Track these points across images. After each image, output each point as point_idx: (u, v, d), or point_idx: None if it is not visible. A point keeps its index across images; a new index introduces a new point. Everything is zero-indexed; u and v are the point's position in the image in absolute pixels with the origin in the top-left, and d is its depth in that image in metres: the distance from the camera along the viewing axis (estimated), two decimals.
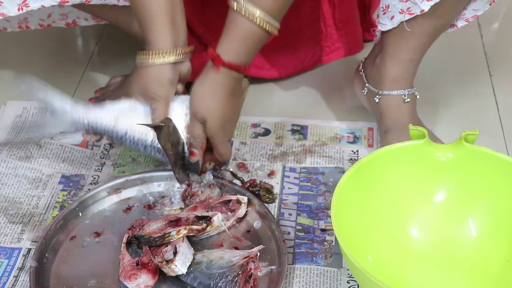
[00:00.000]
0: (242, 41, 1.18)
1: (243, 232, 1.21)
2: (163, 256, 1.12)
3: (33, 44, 1.75)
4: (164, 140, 1.20)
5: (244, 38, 1.17)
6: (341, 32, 1.49)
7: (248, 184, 1.30)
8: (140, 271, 1.12)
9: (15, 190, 1.33)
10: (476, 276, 1.13)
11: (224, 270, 1.10)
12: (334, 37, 1.49)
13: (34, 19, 1.42)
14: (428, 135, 1.15)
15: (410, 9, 1.25)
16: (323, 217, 1.27)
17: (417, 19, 1.26)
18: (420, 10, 1.24)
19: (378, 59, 1.37)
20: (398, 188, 1.17)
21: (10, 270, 1.18)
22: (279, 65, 1.57)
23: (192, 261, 1.12)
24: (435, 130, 1.42)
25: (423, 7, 1.23)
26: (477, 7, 1.30)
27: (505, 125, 1.49)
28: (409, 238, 1.17)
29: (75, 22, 1.46)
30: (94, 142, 1.43)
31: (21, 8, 1.25)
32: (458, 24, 1.34)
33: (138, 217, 1.23)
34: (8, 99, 1.54)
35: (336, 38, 1.50)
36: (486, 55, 1.71)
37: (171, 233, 1.13)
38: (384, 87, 1.36)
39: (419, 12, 1.24)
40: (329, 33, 1.49)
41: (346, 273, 1.17)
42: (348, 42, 1.51)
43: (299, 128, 1.47)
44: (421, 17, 1.25)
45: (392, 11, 1.27)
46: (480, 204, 1.16)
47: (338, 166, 1.38)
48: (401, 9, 1.25)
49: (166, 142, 1.20)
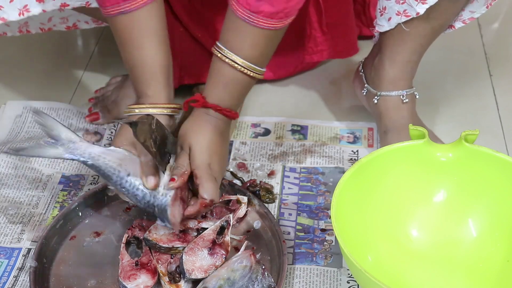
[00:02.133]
0: (224, 86, 1.19)
1: (243, 232, 1.21)
2: (166, 267, 1.13)
3: (33, 45, 1.75)
4: (142, 137, 1.11)
5: (226, 83, 1.19)
6: (327, 36, 1.50)
7: (248, 184, 1.30)
8: (139, 272, 1.12)
9: (15, 190, 1.33)
10: (476, 276, 1.13)
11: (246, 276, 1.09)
12: (318, 40, 1.51)
13: (35, 23, 1.42)
14: (428, 135, 1.15)
15: (406, 11, 1.25)
16: (323, 217, 1.27)
17: (414, 21, 1.26)
18: (416, 13, 1.24)
19: (377, 60, 1.37)
20: (398, 188, 1.17)
21: (10, 270, 1.18)
22: (278, 66, 1.57)
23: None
24: (435, 130, 1.42)
25: (419, 10, 1.23)
26: (473, 9, 1.30)
27: (505, 125, 1.49)
28: (409, 238, 1.17)
29: (75, 26, 1.46)
30: (94, 142, 1.43)
31: (22, 13, 1.24)
32: (455, 25, 1.34)
33: (138, 217, 1.23)
34: (8, 99, 1.55)
35: (320, 41, 1.51)
36: (486, 55, 1.71)
37: (178, 248, 1.14)
38: (383, 88, 1.36)
39: (414, 15, 1.24)
40: (313, 35, 1.50)
41: (346, 273, 1.17)
42: (335, 46, 1.52)
43: (299, 128, 1.47)
44: (418, 19, 1.26)
45: (389, 13, 1.27)
46: (480, 204, 1.16)
47: (338, 166, 1.38)
48: (398, 11, 1.26)
49: (145, 138, 1.12)
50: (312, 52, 1.53)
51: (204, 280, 1.09)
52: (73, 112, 1.51)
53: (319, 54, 1.53)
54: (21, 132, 1.46)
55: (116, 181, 1.16)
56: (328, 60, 1.66)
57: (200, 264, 1.11)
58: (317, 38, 1.50)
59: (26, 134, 1.45)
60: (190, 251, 1.13)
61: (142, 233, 1.17)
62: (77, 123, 1.48)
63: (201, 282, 1.09)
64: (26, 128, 1.47)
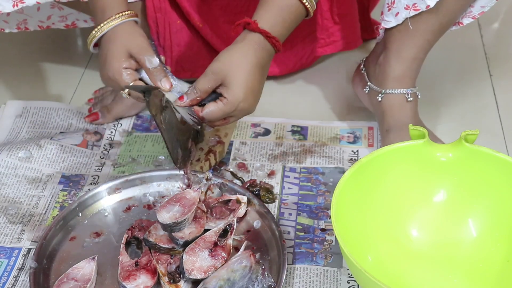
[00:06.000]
0: (279, 11, 1.15)
1: (243, 232, 1.21)
2: (166, 268, 1.13)
3: (33, 44, 1.75)
4: (154, 109, 1.12)
5: (281, 9, 1.15)
6: (339, 26, 1.49)
7: (248, 184, 1.30)
8: (139, 272, 1.12)
9: (15, 190, 1.33)
10: (476, 276, 1.13)
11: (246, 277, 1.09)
12: (330, 30, 1.49)
13: (33, 21, 1.42)
14: (428, 135, 1.15)
15: (415, 4, 1.24)
16: (323, 217, 1.27)
17: (422, 16, 1.25)
18: (426, 6, 1.23)
19: (382, 58, 1.36)
20: (398, 188, 1.17)
21: (10, 270, 1.18)
22: (279, 62, 1.56)
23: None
24: (435, 130, 1.42)
25: (429, 3, 1.22)
26: (484, 3, 1.29)
27: (505, 125, 1.49)
28: (409, 238, 1.16)
29: (74, 24, 1.46)
30: (94, 142, 1.43)
31: (16, 4, 1.23)
32: (464, 22, 1.34)
33: (138, 217, 1.23)
34: (8, 99, 1.55)
35: (332, 31, 1.49)
36: (486, 55, 1.71)
37: (178, 249, 1.14)
38: (387, 85, 1.36)
39: (424, 8, 1.23)
40: (325, 25, 1.48)
41: (346, 273, 1.17)
42: (345, 37, 1.51)
43: (299, 129, 1.47)
44: (426, 13, 1.25)
45: (398, 7, 1.26)
46: (480, 204, 1.16)
47: (338, 166, 1.38)
48: (407, 5, 1.25)
49: (156, 112, 1.12)
50: (324, 44, 1.51)
51: (204, 281, 1.09)
52: (73, 112, 1.51)
53: (331, 46, 1.51)
54: (21, 132, 1.46)
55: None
56: (327, 59, 1.66)
57: (200, 264, 1.11)
58: (330, 29, 1.48)
59: (26, 134, 1.45)
60: (191, 251, 1.13)
61: (142, 234, 1.17)
62: (77, 123, 1.48)
63: (201, 282, 1.09)
64: (26, 128, 1.47)
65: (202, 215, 1.18)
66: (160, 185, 1.29)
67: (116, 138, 1.45)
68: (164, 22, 1.46)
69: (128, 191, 1.28)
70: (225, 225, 1.17)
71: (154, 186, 1.29)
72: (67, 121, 1.49)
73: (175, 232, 1.14)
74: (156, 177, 1.29)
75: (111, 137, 1.45)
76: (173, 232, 1.14)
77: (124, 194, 1.28)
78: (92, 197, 1.26)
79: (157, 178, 1.29)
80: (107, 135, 1.45)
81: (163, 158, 1.38)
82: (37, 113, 1.50)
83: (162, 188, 1.29)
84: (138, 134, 1.46)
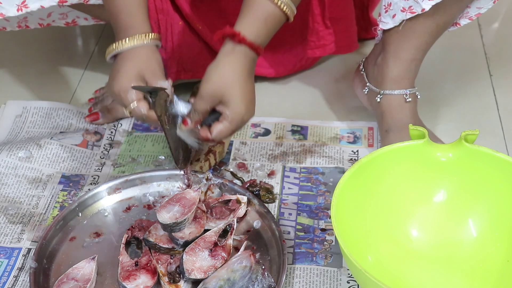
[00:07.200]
0: (263, 22, 1.16)
1: (243, 232, 1.21)
2: (166, 268, 1.13)
3: (33, 44, 1.75)
4: (159, 110, 1.13)
5: (265, 19, 1.16)
6: (330, 30, 1.49)
7: (248, 184, 1.30)
8: (139, 272, 1.12)
9: (15, 190, 1.33)
10: (476, 276, 1.13)
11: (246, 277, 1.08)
12: (321, 33, 1.49)
13: (34, 19, 1.42)
14: (428, 135, 1.15)
15: (411, 7, 1.24)
16: (323, 217, 1.27)
17: (419, 17, 1.26)
18: (421, 9, 1.23)
19: (380, 59, 1.37)
20: (398, 188, 1.17)
21: (10, 270, 1.18)
22: (277, 63, 1.56)
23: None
24: (435, 130, 1.42)
25: (424, 6, 1.23)
26: (481, 5, 1.29)
27: (505, 125, 1.49)
28: (409, 238, 1.16)
29: (74, 22, 1.46)
30: (94, 142, 1.43)
31: (20, 8, 1.24)
32: (461, 22, 1.34)
33: (138, 217, 1.23)
34: (8, 99, 1.55)
35: (322, 35, 1.49)
36: (486, 55, 1.71)
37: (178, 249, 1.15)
38: (386, 86, 1.36)
39: (420, 11, 1.24)
40: (315, 28, 1.49)
41: (346, 273, 1.17)
42: (338, 41, 1.51)
43: (299, 128, 1.47)
44: (423, 15, 1.25)
45: (394, 9, 1.27)
46: (480, 204, 1.16)
47: (338, 166, 1.38)
48: (403, 7, 1.25)
49: (161, 113, 1.13)
50: (314, 46, 1.51)
51: (204, 281, 1.09)
52: (73, 112, 1.51)
53: (321, 49, 1.52)
54: (21, 132, 1.46)
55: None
56: (328, 59, 1.66)
57: (200, 264, 1.11)
58: (320, 32, 1.49)
59: (26, 134, 1.45)
60: (191, 251, 1.13)
61: (142, 234, 1.17)
62: (77, 123, 1.48)
63: (201, 283, 1.09)
64: (26, 128, 1.47)
65: (202, 215, 1.18)
66: (160, 185, 1.29)
67: (116, 138, 1.45)
68: (166, 23, 1.46)
69: (128, 191, 1.28)
70: (225, 225, 1.17)
71: (154, 186, 1.29)
72: (67, 121, 1.49)
73: (175, 232, 1.14)
74: (156, 177, 1.30)
75: (111, 137, 1.45)
76: (173, 232, 1.14)
77: (124, 194, 1.28)
78: (92, 197, 1.26)
79: (157, 178, 1.29)
80: (107, 135, 1.45)
81: (163, 158, 1.38)
82: (37, 113, 1.50)
83: (162, 188, 1.29)
84: (138, 134, 1.46)
